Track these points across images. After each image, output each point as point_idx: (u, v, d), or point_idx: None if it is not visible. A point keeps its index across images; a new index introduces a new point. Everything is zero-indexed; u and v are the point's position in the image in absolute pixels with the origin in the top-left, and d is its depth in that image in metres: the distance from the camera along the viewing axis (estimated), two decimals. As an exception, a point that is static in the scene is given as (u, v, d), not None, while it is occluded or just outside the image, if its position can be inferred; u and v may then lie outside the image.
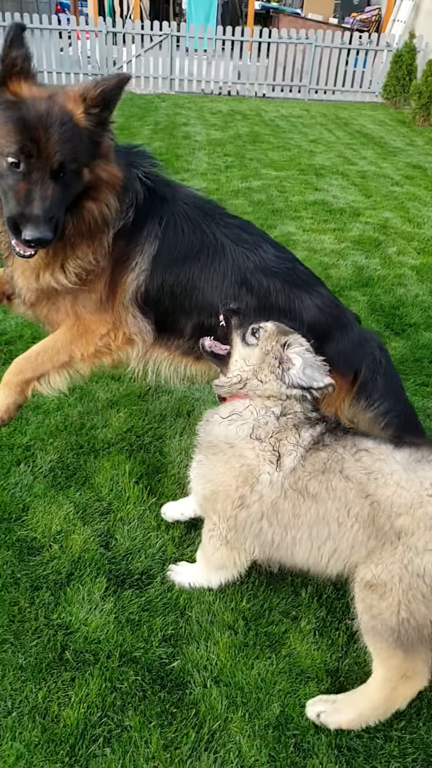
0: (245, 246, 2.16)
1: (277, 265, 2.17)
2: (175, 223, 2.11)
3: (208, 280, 2.13)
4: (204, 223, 2.15)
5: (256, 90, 12.86)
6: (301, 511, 1.65)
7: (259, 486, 1.69)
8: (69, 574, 2.00)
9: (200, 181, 6.37)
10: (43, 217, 1.75)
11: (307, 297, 2.17)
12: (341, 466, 1.63)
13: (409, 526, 1.50)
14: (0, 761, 1.50)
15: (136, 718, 1.59)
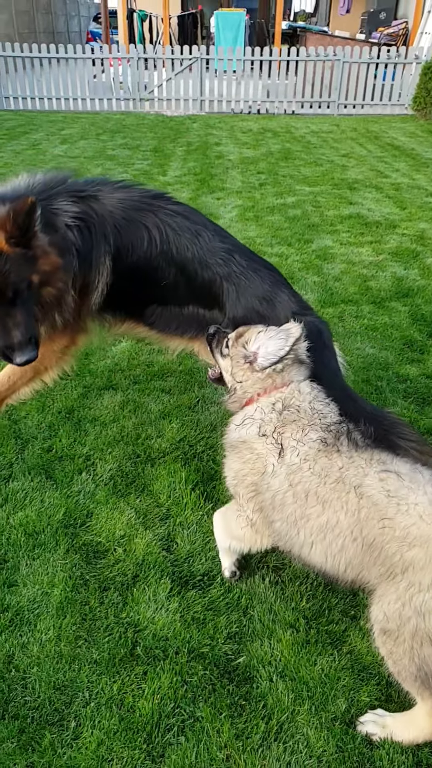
0: (187, 235, 2.34)
1: (213, 257, 2.33)
2: (119, 232, 2.29)
3: (156, 272, 2.35)
4: (144, 221, 2.32)
5: (285, 107, 13.08)
6: (309, 513, 1.65)
7: (267, 477, 1.77)
8: (134, 576, 2.11)
9: (236, 198, 6.53)
10: (24, 342, 2.02)
11: (234, 291, 2.31)
12: (361, 482, 1.60)
13: (421, 560, 1.46)
14: (83, 747, 1.61)
15: (207, 710, 1.68)
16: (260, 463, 1.80)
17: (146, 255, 2.31)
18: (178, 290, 2.39)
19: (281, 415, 1.82)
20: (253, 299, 2.30)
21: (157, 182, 7.32)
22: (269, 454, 1.78)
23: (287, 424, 1.79)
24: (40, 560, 2.18)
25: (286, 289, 2.40)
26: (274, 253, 4.90)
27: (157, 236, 2.31)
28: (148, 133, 10.73)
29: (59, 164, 8.24)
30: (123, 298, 2.43)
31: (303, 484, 1.67)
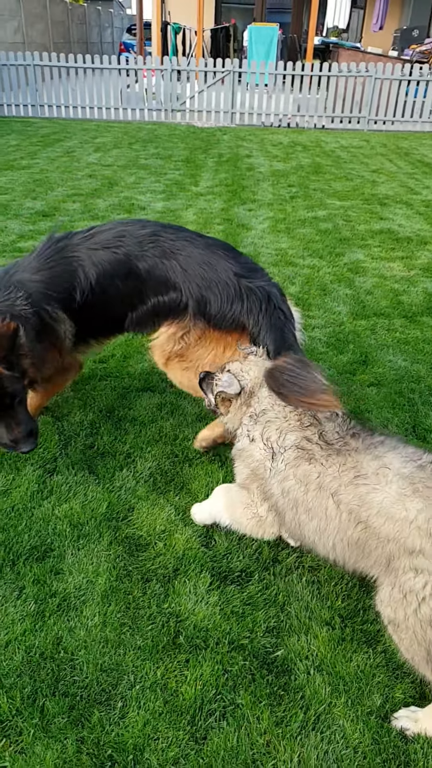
0: (111, 247, 2.55)
1: (142, 246, 2.54)
2: (56, 285, 2.51)
3: (107, 293, 2.56)
4: (68, 264, 2.53)
5: (315, 122, 13.22)
6: (302, 518, 1.87)
7: (267, 479, 1.98)
8: (175, 569, 2.20)
9: (267, 210, 6.65)
10: (26, 436, 2.31)
11: (177, 265, 2.51)
12: (335, 489, 1.76)
13: (396, 553, 1.62)
14: (129, 726, 1.70)
15: (247, 697, 1.76)
16: (263, 466, 2.00)
17: (89, 286, 2.53)
18: (135, 293, 2.58)
19: (258, 420, 2.06)
20: (195, 266, 2.51)
21: (189, 192, 7.48)
22: (266, 458, 1.99)
23: (267, 426, 2.02)
24: (85, 550, 2.28)
25: (222, 251, 2.58)
26: (306, 265, 5.00)
27: (87, 266, 2.53)
28: (179, 144, 10.93)
29: (93, 172, 8.46)
30: (95, 326, 2.70)
31: (292, 492, 1.88)
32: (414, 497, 1.63)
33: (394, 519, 1.63)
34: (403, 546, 1.61)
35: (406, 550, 1.60)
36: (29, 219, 6.22)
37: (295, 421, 1.99)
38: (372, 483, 1.71)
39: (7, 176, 8.04)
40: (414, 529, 1.59)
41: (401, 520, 1.62)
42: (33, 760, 1.62)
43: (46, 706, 1.75)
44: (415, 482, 1.66)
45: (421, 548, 1.57)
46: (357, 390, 3.29)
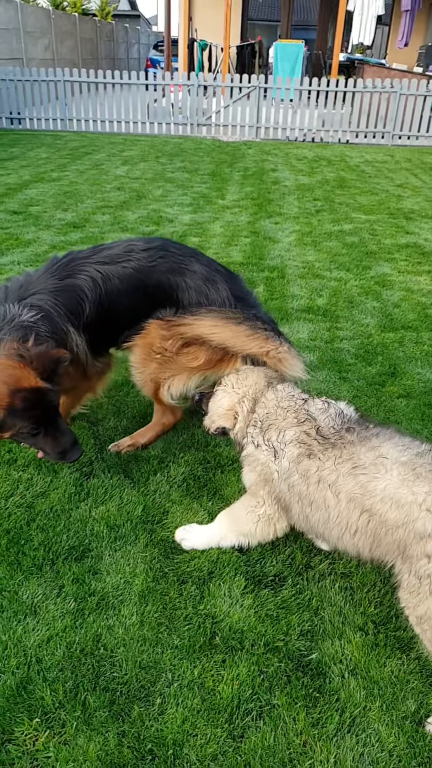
0: (120, 261, 2.62)
1: (151, 261, 2.62)
2: (64, 299, 2.54)
3: (116, 305, 2.62)
4: (76, 278, 2.56)
5: (339, 137, 13.33)
6: (307, 512, 1.96)
7: (275, 481, 2.06)
8: (210, 572, 2.25)
9: (293, 223, 6.74)
10: (72, 444, 2.37)
11: (183, 281, 2.62)
12: (332, 480, 1.85)
13: (407, 539, 1.67)
14: (169, 722, 1.75)
15: (283, 698, 1.80)
16: (269, 468, 2.07)
17: (98, 299, 2.57)
18: (144, 305, 2.65)
19: (262, 424, 2.14)
20: (200, 283, 2.62)
21: (216, 205, 7.61)
22: (271, 460, 2.06)
23: (267, 428, 2.10)
24: (122, 552, 2.34)
25: (221, 269, 2.76)
26: (333, 278, 5.06)
27: (98, 280, 2.56)
28: (205, 158, 11.10)
29: (121, 184, 8.64)
30: (102, 338, 2.72)
31: (296, 487, 1.97)
32: (419, 481, 1.70)
33: (401, 504, 1.69)
34: (413, 531, 1.66)
35: (417, 535, 1.65)
36: (60, 230, 6.38)
37: (292, 418, 2.07)
38: (371, 472, 1.79)
39: (38, 188, 8.25)
40: (424, 512, 1.65)
41: (409, 504, 1.68)
42: (76, 752, 1.68)
43: (88, 700, 1.81)
44: (416, 467, 1.74)
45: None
46: (386, 401, 3.32)
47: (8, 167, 9.52)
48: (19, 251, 5.67)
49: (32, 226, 6.46)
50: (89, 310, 2.57)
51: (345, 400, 2.21)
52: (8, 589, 2.16)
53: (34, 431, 2.30)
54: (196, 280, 2.64)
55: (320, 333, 4.17)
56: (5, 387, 2.18)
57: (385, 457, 1.79)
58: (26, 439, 2.35)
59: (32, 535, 2.40)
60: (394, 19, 20.71)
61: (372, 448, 1.85)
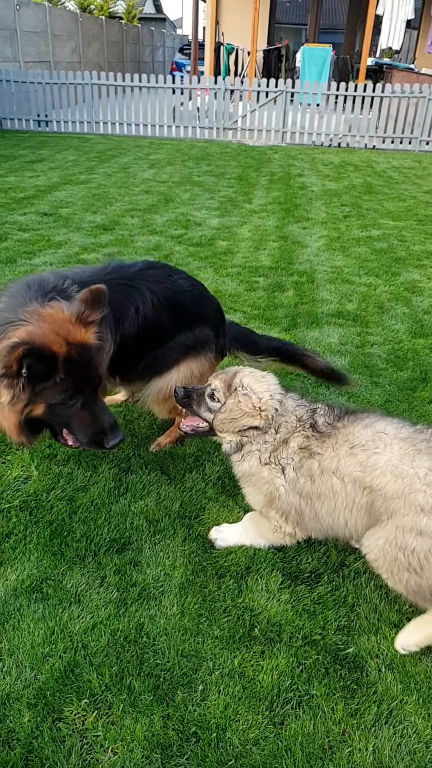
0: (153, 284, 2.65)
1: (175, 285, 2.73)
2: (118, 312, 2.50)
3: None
4: (128, 299, 2.54)
5: (366, 142, 13.33)
6: (317, 510, 2.03)
7: (282, 496, 2.10)
8: (247, 568, 2.33)
9: (321, 229, 6.79)
10: (113, 423, 2.17)
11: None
12: (336, 466, 1.93)
13: (401, 508, 1.78)
14: (211, 707, 1.82)
15: (321, 689, 1.87)
16: (274, 486, 2.11)
17: (141, 320, 2.53)
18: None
19: (274, 440, 2.10)
20: (210, 307, 2.90)
21: (243, 209, 7.69)
22: (276, 477, 2.09)
23: (279, 446, 2.08)
24: (161, 545, 2.43)
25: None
26: (362, 283, 5.10)
27: (147, 299, 2.56)
28: (231, 162, 11.19)
29: (149, 188, 8.76)
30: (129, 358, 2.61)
31: (305, 489, 2.03)
32: (421, 456, 1.80)
33: (403, 476, 1.79)
34: (411, 503, 1.77)
35: (414, 508, 1.76)
36: (90, 232, 6.50)
37: (294, 423, 2.10)
38: (371, 448, 1.89)
39: (67, 190, 8.40)
40: (425, 486, 1.75)
41: (411, 477, 1.78)
42: (124, 732, 1.76)
43: (133, 684, 1.89)
44: (416, 443, 1.84)
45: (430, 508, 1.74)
46: (418, 406, 3.37)
47: (37, 169, 9.70)
48: (51, 252, 5.80)
49: (63, 228, 6.60)
50: (129, 326, 2.51)
51: (374, 405, 2.29)
52: (53, 578, 2.26)
53: (72, 400, 2.06)
54: (209, 302, 2.92)
55: (351, 338, 4.22)
56: (59, 337, 2.00)
57: (384, 433, 1.90)
58: (62, 413, 2.09)
59: (74, 528, 2.50)
60: (423, 24, 20.64)
61: (367, 425, 1.96)
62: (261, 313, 4.58)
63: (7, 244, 5.90)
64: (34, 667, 1.94)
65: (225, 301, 4.77)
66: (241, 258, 5.83)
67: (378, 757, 1.69)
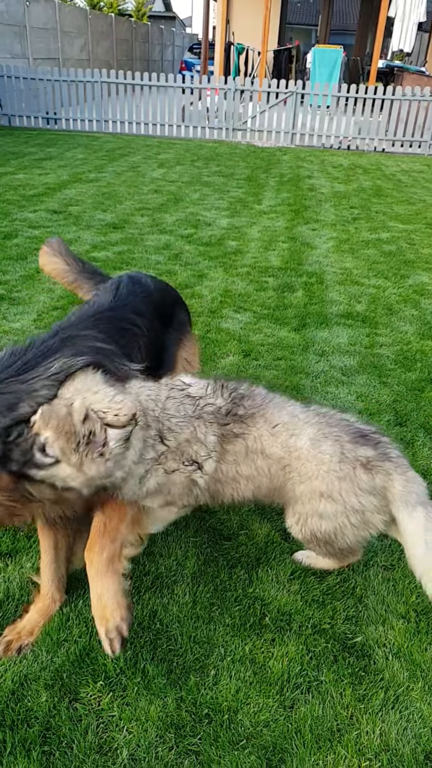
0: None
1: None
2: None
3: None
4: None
5: (375, 145, 13.37)
6: (241, 486, 2.01)
7: (201, 486, 1.96)
8: (257, 559, 2.39)
9: (330, 231, 6.85)
10: None
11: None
12: (261, 446, 1.93)
13: (306, 493, 1.92)
14: (223, 691, 1.89)
15: (330, 675, 1.93)
16: (188, 485, 1.93)
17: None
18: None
19: (169, 444, 1.83)
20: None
21: (253, 210, 7.75)
22: (191, 476, 1.90)
23: (185, 449, 1.85)
24: (173, 536, 2.49)
25: None
26: (371, 285, 5.16)
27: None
28: (240, 163, 11.25)
29: (158, 187, 8.82)
30: None
31: (228, 474, 1.97)
32: (326, 441, 1.91)
33: (310, 460, 1.90)
34: (313, 489, 1.90)
35: (315, 493, 1.90)
36: (100, 230, 6.57)
37: (209, 416, 1.90)
38: (291, 429, 1.94)
39: (77, 188, 8.47)
40: (325, 472, 1.87)
41: (317, 462, 1.89)
42: (139, 713, 1.83)
43: (147, 668, 1.96)
44: (324, 428, 1.94)
45: (329, 493, 1.89)
46: (426, 407, 3.43)
47: (46, 167, 9.77)
48: (63, 249, 5.86)
49: (73, 226, 6.67)
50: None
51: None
52: (69, 565, 2.32)
53: None
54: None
55: (360, 338, 4.28)
56: None
57: (297, 416, 1.97)
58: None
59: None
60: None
61: (279, 406, 1.99)
62: (270, 313, 4.64)
63: (18, 241, 5.97)
64: (50, 651, 2.01)
65: (235, 301, 4.84)
66: (250, 258, 5.89)
67: (385, 740, 1.76)
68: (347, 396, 3.54)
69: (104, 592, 1.84)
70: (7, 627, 2.09)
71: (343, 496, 1.89)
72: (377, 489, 1.89)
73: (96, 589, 1.85)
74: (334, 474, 1.89)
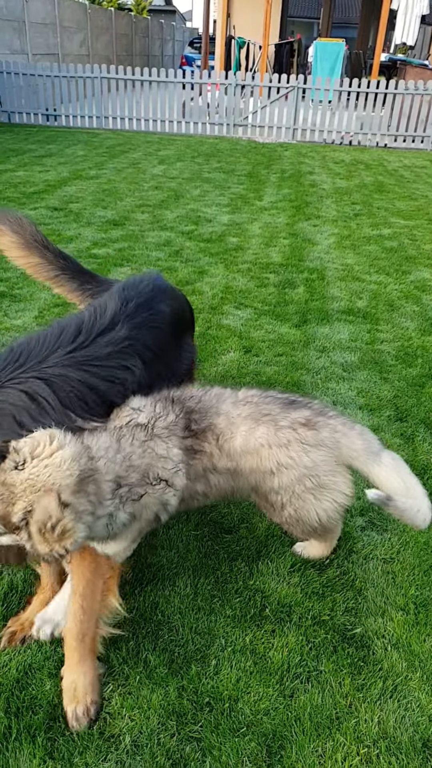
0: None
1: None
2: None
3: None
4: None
5: (377, 140, 13.34)
6: (212, 492, 2.01)
7: (171, 505, 1.90)
8: (258, 552, 2.42)
9: (332, 227, 6.86)
10: None
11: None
12: (212, 464, 1.91)
13: (261, 482, 1.98)
14: (224, 680, 1.92)
15: (329, 665, 1.96)
16: (160, 506, 1.87)
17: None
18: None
19: (127, 467, 1.74)
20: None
21: (253, 206, 7.76)
22: (163, 496, 1.84)
23: (149, 471, 1.79)
24: (175, 530, 2.52)
25: None
26: (372, 281, 5.18)
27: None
28: (241, 159, 11.24)
29: (159, 183, 8.83)
30: None
31: (197, 487, 1.95)
32: (260, 426, 1.92)
33: (252, 453, 1.91)
34: (263, 470, 1.93)
35: (265, 472, 1.93)
36: (101, 227, 6.58)
37: (163, 431, 1.85)
38: (228, 435, 1.93)
39: (77, 185, 8.48)
40: (269, 449, 1.90)
41: (258, 448, 1.91)
42: (141, 701, 1.86)
43: (149, 658, 1.99)
44: (256, 417, 1.94)
45: (279, 464, 1.92)
46: (427, 402, 3.45)
47: (46, 164, 9.77)
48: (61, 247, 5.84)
49: (73, 223, 6.68)
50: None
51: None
52: (72, 558, 2.36)
53: None
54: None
55: (361, 334, 4.30)
56: None
57: (231, 416, 1.95)
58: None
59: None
60: (435, 21, 20.53)
61: (218, 413, 1.94)
62: (271, 309, 4.66)
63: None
64: (53, 641, 2.04)
65: (236, 297, 4.86)
66: (251, 254, 5.91)
67: (383, 727, 1.79)
68: (348, 392, 3.56)
69: (80, 677, 1.86)
70: (11, 618, 2.12)
71: (294, 458, 1.92)
72: (325, 443, 1.93)
73: (72, 674, 1.87)
74: (276, 447, 1.92)
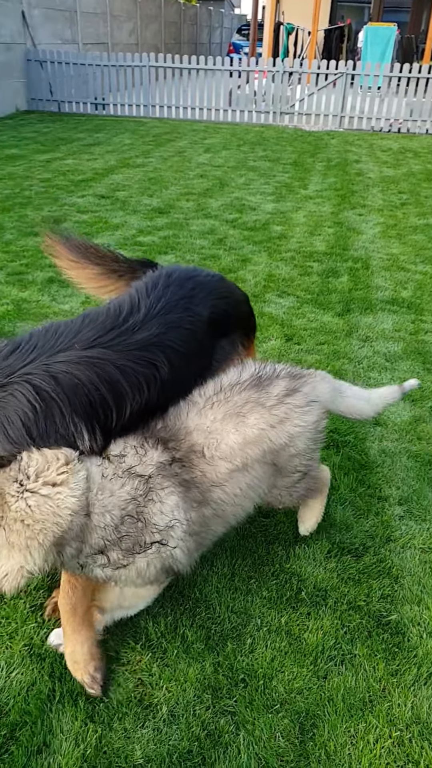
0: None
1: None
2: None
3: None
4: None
5: (427, 127, 12.97)
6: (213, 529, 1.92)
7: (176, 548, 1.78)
8: (295, 536, 2.45)
9: (377, 216, 6.74)
10: None
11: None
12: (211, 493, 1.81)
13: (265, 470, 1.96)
14: (259, 658, 1.97)
15: (364, 649, 1.98)
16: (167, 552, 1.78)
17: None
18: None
19: (119, 520, 1.64)
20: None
21: (298, 195, 7.69)
22: (175, 530, 1.76)
23: (147, 504, 1.70)
24: (214, 512, 2.57)
25: None
26: (418, 271, 5.08)
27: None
28: (287, 147, 11.13)
29: (204, 172, 8.84)
30: None
31: (201, 520, 1.83)
32: (227, 421, 1.86)
33: (257, 440, 1.87)
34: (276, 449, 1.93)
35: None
36: (147, 215, 6.65)
37: (164, 485, 1.74)
38: (204, 451, 1.81)
39: (124, 173, 8.58)
40: (271, 430, 1.89)
41: (260, 438, 1.89)
42: (178, 674, 1.93)
43: (186, 633, 2.05)
44: (235, 410, 1.88)
45: (291, 437, 1.94)
46: (470, 393, 3.40)
47: (94, 152, 9.91)
48: (108, 234, 5.98)
49: (120, 211, 6.77)
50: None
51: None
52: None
53: None
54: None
55: (405, 324, 4.24)
56: None
57: (207, 429, 1.84)
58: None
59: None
60: None
61: (188, 432, 1.84)
62: (314, 298, 4.64)
63: (67, 225, 6.12)
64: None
65: (278, 285, 4.85)
66: (295, 243, 5.88)
67: (416, 713, 1.80)
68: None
69: (77, 647, 1.88)
70: (54, 589, 2.22)
71: (302, 422, 1.96)
72: (318, 398, 2.05)
73: (70, 645, 1.90)
74: (279, 424, 1.91)
